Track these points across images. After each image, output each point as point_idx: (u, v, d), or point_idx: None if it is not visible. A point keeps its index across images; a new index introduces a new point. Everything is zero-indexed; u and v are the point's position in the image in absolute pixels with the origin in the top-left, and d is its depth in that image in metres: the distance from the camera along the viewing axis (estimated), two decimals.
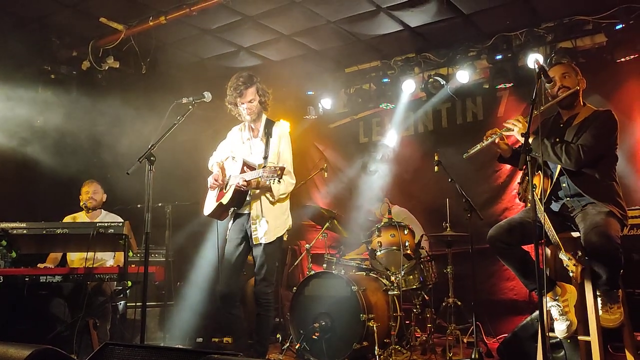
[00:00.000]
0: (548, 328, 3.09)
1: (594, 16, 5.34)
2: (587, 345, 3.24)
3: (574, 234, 3.27)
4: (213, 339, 5.56)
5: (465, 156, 3.57)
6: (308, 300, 4.69)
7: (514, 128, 3.32)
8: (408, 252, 4.90)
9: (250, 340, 4.07)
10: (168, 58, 6.32)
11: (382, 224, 5.02)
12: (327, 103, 6.92)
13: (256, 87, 3.89)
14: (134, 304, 5.00)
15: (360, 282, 4.65)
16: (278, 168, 3.48)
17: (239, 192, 3.80)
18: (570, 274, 3.22)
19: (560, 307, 3.22)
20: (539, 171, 3.36)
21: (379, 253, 4.92)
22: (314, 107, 7.08)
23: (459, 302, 4.78)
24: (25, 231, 3.76)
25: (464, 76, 6.00)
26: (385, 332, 4.52)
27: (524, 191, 3.50)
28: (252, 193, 3.89)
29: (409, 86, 6.35)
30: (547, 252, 3.41)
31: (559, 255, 3.22)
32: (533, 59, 5.18)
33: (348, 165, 7.34)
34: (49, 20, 5.50)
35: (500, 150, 3.53)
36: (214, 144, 4.29)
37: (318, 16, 5.53)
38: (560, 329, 3.22)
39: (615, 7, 5.19)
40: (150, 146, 3.45)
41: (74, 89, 5.87)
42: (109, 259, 4.91)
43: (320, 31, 5.86)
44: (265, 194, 3.86)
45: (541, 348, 3.18)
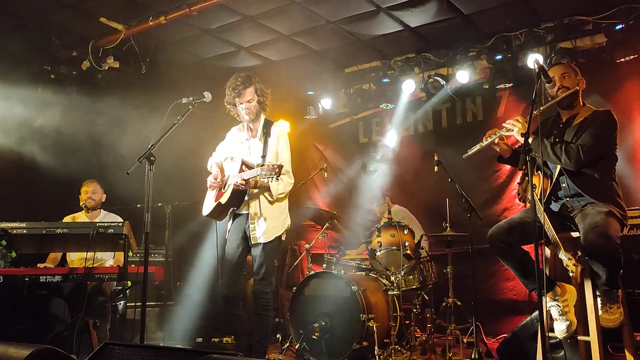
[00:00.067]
0: (548, 328, 3.09)
1: (594, 16, 5.34)
2: (587, 345, 3.25)
3: (574, 234, 3.26)
4: (213, 339, 5.57)
5: (464, 156, 3.58)
6: (308, 300, 4.69)
7: (513, 128, 3.32)
8: (408, 252, 4.90)
9: (250, 341, 4.07)
10: (168, 58, 6.32)
11: (382, 224, 5.02)
12: (327, 103, 6.92)
13: (254, 87, 3.89)
14: (134, 303, 4.99)
15: (360, 282, 4.65)
16: (276, 166, 3.48)
17: (238, 191, 3.81)
18: (570, 274, 3.23)
19: (560, 307, 3.22)
20: (539, 171, 3.36)
21: (378, 253, 4.92)
22: (313, 107, 7.07)
23: (458, 302, 4.78)
24: (25, 231, 3.76)
25: (463, 76, 6.00)
26: (385, 332, 4.53)
27: (523, 191, 3.50)
28: (251, 193, 3.89)
29: (409, 86, 6.35)
30: (547, 252, 3.41)
31: (559, 255, 3.22)
32: (533, 59, 5.18)
33: (348, 165, 7.34)
34: (49, 20, 5.49)
35: (500, 151, 3.53)
36: (214, 144, 4.29)
37: (318, 16, 5.53)
38: (560, 329, 3.22)
39: (615, 7, 5.19)
40: (150, 146, 3.45)
41: (74, 89, 5.87)
42: (108, 258, 4.91)
43: (320, 31, 5.86)
44: (263, 193, 3.86)
45: (541, 348, 3.18)
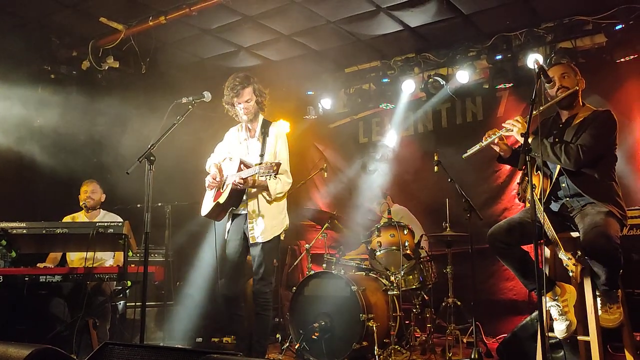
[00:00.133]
0: (547, 328, 3.09)
1: (594, 16, 5.34)
2: (587, 345, 3.25)
3: (574, 234, 3.26)
4: (212, 339, 5.57)
5: (464, 156, 3.58)
6: (308, 300, 4.69)
7: (513, 128, 3.32)
8: (408, 252, 4.90)
9: (250, 341, 4.07)
10: (168, 58, 6.31)
11: (382, 224, 5.02)
12: (327, 103, 6.92)
13: (253, 87, 3.90)
14: (134, 303, 4.99)
15: (360, 282, 4.65)
16: (274, 164, 3.49)
17: (236, 190, 3.81)
18: (570, 274, 3.23)
19: (559, 307, 3.22)
20: (539, 171, 3.36)
21: (378, 253, 4.92)
22: (313, 107, 7.07)
23: (458, 302, 4.78)
24: (25, 231, 3.76)
25: (463, 76, 6.00)
26: (384, 332, 4.53)
27: (523, 191, 3.49)
28: (249, 192, 3.90)
29: (409, 86, 6.35)
30: (547, 252, 3.41)
31: (559, 255, 3.22)
32: (533, 59, 5.16)
33: (348, 165, 7.34)
34: (49, 20, 5.49)
35: (499, 151, 3.53)
36: (213, 143, 4.29)
37: (318, 16, 5.53)
38: (559, 329, 3.22)
39: (615, 7, 5.19)
40: (150, 146, 3.45)
41: (74, 89, 5.86)
42: (108, 258, 4.91)
43: (320, 31, 5.85)
44: (262, 193, 3.87)
45: (541, 348, 3.18)
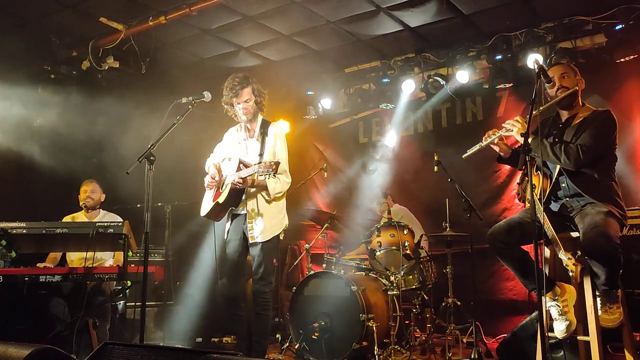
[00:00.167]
0: (547, 328, 3.09)
1: (594, 16, 5.34)
2: (587, 345, 3.24)
3: (573, 234, 3.26)
4: (212, 339, 5.57)
5: (464, 156, 3.57)
6: (307, 300, 4.69)
7: (513, 128, 3.32)
8: (407, 252, 4.90)
9: (250, 341, 4.08)
10: (168, 58, 6.31)
11: (382, 224, 5.02)
12: (326, 103, 6.92)
13: (252, 88, 3.92)
14: (134, 303, 4.99)
15: (360, 282, 4.65)
16: (273, 163, 3.50)
17: (235, 190, 3.83)
18: (570, 274, 3.23)
19: (559, 307, 3.22)
20: (538, 171, 3.36)
21: (378, 253, 4.92)
22: (313, 107, 7.07)
23: (458, 302, 4.78)
24: (24, 231, 3.76)
25: (463, 76, 6.00)
26: (384, 332, 4.52)
27: (523, 191, 3.49)
28: (248, 192, 3.91)
29: (409, 86, 6.35)
30: (547, 252, 3.41)
31: (559, 255, 3.22)
32: (533, 59, 5.16)
33: (348, 165, 7.34)
34: (49, 20, 5.49)
35: (499, 151, 3.53)
36: (213, 143, 4.30)
37: (318, 16, 5.53)
38: (559, 329, 3.22)
39: (615, 7, 5.19)
40: (149, 146, 3.45)
41: (74, 89, 5.87)
42: (108, 258, 4.91)
43: (320, 31, 5.85)
44: (261, 192, 3.88)
45: (540, 348, 3.18)
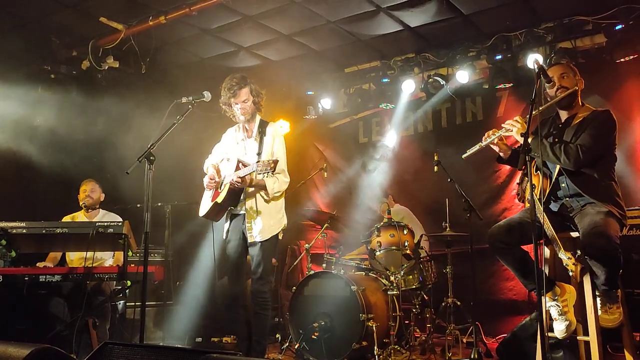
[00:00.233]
0: (547, 328, 3.09)
1: (594, 16, 5.35)
2: (587, 345, 3.24)
3: (573, 234, 3.26)
4: (212, 339, 5.57)
5: (463, 157, 3.57)
6: (307, 300, 4.69)
7: (512, 128, 3.32)
8: (407, 252, 4.90)
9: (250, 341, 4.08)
10: (168, 58, 6.32)
11: (382, 223, 5.02)
12: (326, 103, 6.92)
13: (249, 88, 3.94)
14: (134, 303, 4.99)
15: (360, 282, 4.65)
16: (271, 161, 3.52)
17: (234, 190, 3.84)
18: (570, 274, 3.23)
19: (559, 307, 3.22)
20: (538, 171, 3.36)
21: (378, 253, 4.92)
22: (313, 107, 7.07)
23: (458, 302, 4.78)
24: (24, 230, 3.75)
25: (463, 76, 6.00)
26: (384, 332, 4.52)
27: (523, 191, 3.49)
28: (247, 192, 3.92)
29: (409, 86, 6.35)
30: (547, 252, 3.41)
31: (559, 255, 3.22)
32: (533, 59, 5.18)
33: (348, 165, 7.34)
34: (49, 20, 5.49)
35: (499, 151, 3.53)
36: (213, 143, 4.30)
37: (318, 16, 5.53)
38: (559, 329, 3.22)
39: (615, 7, 5.20)
40: (149, 145, 3.45)
41: (74, 89, 5.87)
42: (108, 258, 4.91)
43: (320, 31, 5.86)
44: (259, 192, 3.89)
45: (540, 348, 3.18)
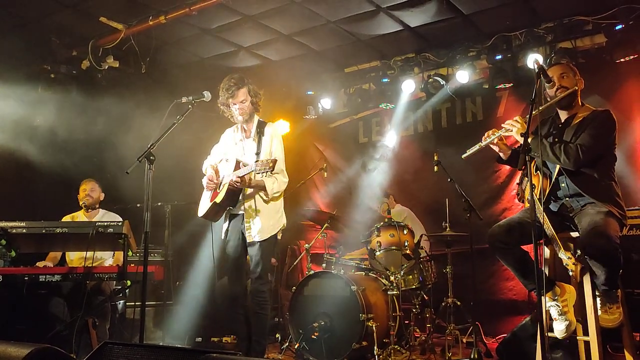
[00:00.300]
0: (547, 328, 3.09)
1: (594, 16, 5.35)
2: (587, 345, 3.24)
3: (573, 234, 3.26)
4: (212, 339, 5.57)
5: (463, 157, 3.57)
6: (307, 300, 4.69)
7: (512, 128, 3.32)
8: (407, 252, 4.90)
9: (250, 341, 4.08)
10: (168, 58, 6.32)
11: (382, 223, 5.02)
12: (326, 103, 6.92)
13: (247, 88, 3.94)
14: (133, 303, 4.99)
15: (360, 282, 4.65)
16: (270, 160, 3.52)
17: (233, 190, 3.84)
18: (570, 273, 3.23)
19: (559, 307, 3.22)
20: (538, 171, 3.36)
21: (378, 253, 4.92)
22: (313, 107, 7.07)
23: (458, 302, 4.78)
24: (24, 230, 3.75)
25: (463, 76, 6.00)
26: (384, 332, 4.52)
27: (523, 191, 3.49)
28: (245, 192, 3.93)
29: (409, 86, 6.35)
30: (547, 252, 3.41)
31: (559, 255, 3.22)
32: (533, 59, 5.17)
33: (348, 165, 7.34)
34: (49, 20, 5.49)
35: (499, 151, 3.53)
36: (213, 143, 4.30)
37: (318, 16, 5.53)
38: (559, 329, 3.22)
39: (615, 7, 5.20)
40: (149, 145, 3.45)
41: (74, 89, 5.87)
42: (108, 258, 4.91)
43: (319, 31, 5.86)
44: (258, 192, 3.90)
45: (540, 348, 3.18)
